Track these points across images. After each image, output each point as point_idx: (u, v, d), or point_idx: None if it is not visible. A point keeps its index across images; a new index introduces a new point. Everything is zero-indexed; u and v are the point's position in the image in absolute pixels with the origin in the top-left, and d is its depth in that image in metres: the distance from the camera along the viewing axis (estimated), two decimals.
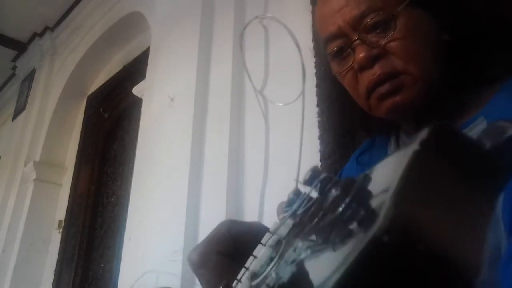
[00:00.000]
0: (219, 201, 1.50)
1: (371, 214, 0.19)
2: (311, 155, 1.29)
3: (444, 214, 0.19)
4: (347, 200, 0.20)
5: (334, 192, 0.21)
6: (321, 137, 1.29)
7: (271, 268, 0.29)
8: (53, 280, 2.90)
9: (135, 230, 1.76)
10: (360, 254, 0.17)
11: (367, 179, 0.22)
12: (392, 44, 0.54)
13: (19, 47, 3.98)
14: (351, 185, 0.21)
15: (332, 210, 0.21)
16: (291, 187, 0.38)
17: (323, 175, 0.23)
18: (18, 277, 2.91)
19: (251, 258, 0.33)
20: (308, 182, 0.24)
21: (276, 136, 1.51)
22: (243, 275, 0.32)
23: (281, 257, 0.29)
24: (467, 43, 0.56)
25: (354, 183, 0.21)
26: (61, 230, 3.07)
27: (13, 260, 2.94)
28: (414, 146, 0.20)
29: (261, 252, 0.32)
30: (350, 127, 1.23)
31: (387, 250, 0.17)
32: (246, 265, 0.32)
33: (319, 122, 1.31)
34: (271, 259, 0.30)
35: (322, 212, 0.23)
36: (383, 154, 0.67)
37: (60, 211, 3.16)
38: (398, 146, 0.65)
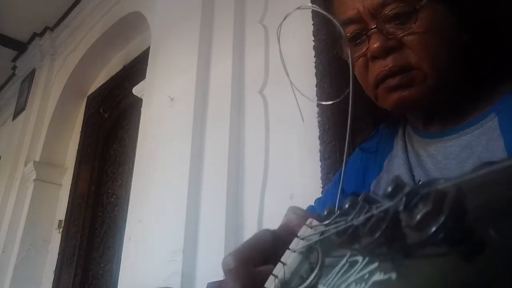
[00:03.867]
0: (219, 201, 1.50)
1: (470, 236, 0.17)
2: (311, 155, 1.30)
3: None
4: (441, 219, 0.17)
5: (422, 209, 0.18)
6: (321, 137, 1.29)
7: (313, 279, 0.27)
8: (53, 280, 2.90)
9: (135, 230, 1.76)
10: None
11: (460, 192, 0.18)
12: (410, 37, 0.53)
13: (19, 47, 3.98)
14: (443, 199, 0.18)
15: (419, 230, 0.18)
16: (291, 186, 0.38)
17: (408, 188, 0.20)
18: (18, 277, 2.91)
19: (279, 265, 0.30)
20: (391, 195, 0.21)
21: (276, 136, 1.51)
22: (272, 284, 0.30)
23: (321, 267, 0.27)
24: (486, 46, 0.55)
25: (446, 197, 0.18)
26: (61, 230, 3.07)
27: (13, 260, 2.94)
28: None
29: (290, 258, 0.30)
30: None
31: None
32: (275, 272, 0.30)
33: (319, 122, 1.31)
34: (311, 268, 0.28)
35: (386, 226, 0.21)
36: (390, 145, 0.67)
37: (60, 211, 3.16)
38: (405, 140, 0.65)
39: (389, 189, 0.21)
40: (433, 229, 0.18)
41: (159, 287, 1.44)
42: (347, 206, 0.26)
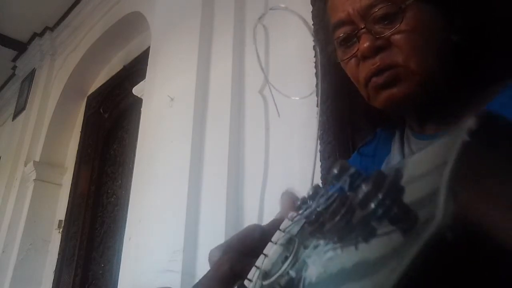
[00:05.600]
0: (219, 201, 1.50)
1: (406, 212, 0.18)
2: (311, 155, 1.29)
3: (508, 205, 0.18)
4: (380, 196, 0.19)
5: (364, 188, 0.20)
6: (321, 137, 1.29)
7: (287, 267, 0.28)
8: (53, 280, 2.90)
9: (135, 230, 1.76)
10: (419, 255, 0.16)
11: (399, 174, 0.20)
12: (397, 36, 0.54)
13: (19, 47, 3.98)
14: (382, 180, 0.20)
15: (362, 207, 0.20)
16: (291, 186, 0.38)
17: (352, 170, 0.22)
18: (18, 277, 2.91)
19: (261, 256, 0.32)
20: (337, 177, 0.22)
21: (276, 136, 1.51)
22: (254, 275, 0.31)
23: (296, 255, 0.28)
24: (476, 46, 0.55)
25: (385, 178, 0.20)
26: (61, 230, 3.07)
27: (13, 260, 2.94)
28: (462, 137, 0.19)
29: (271, 250, 0.31)
30: (350, 127, 1.23)
31: (451, 248, 0.16)
32: (257, 264, 0.31)
33: (319, 122, 1.31)
34: (286, 258, 0.29)
35: (346, 209, 0.22)
36: (388, 147, 0.67)
37: (60, 211, 3.16)
38: (402, 141, 0.65)
39: (335, 171, 0.23)
40: (373, 206, 0.19)
41: (159, 287, 1.44)
42: (311, 192, 0.28)
